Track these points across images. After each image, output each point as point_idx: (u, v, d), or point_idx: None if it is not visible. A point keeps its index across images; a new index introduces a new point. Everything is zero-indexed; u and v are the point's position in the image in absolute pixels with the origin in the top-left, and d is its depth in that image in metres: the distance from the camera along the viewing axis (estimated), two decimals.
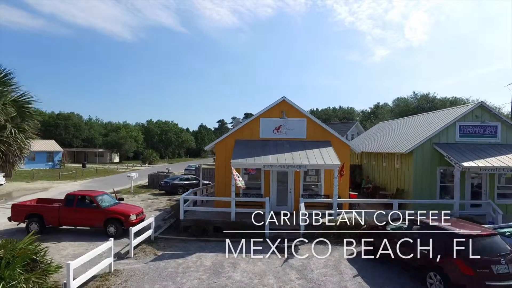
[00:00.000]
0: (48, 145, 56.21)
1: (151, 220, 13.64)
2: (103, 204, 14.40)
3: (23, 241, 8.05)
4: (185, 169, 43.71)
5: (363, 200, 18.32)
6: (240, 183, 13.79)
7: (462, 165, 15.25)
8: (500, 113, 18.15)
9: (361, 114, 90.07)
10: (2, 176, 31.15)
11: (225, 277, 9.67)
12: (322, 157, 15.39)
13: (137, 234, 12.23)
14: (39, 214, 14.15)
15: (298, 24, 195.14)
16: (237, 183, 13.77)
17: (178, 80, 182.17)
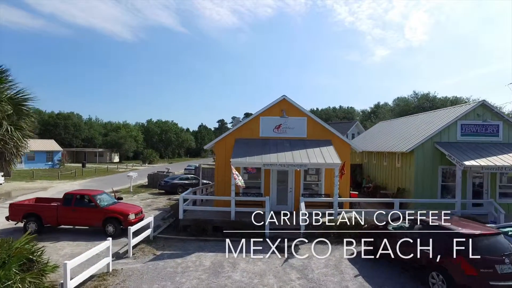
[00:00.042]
0: (48, 145, 56.16)
1: (150, 220, 13.52)
2: (102, 204, 14.29)
3: (19, 241, 7.91)
4: (185, 169, 43.65)
5: (364, 200, 18.21)
6: (240, 182, 13.68)
7: (464, 164, 15.13)
8: (502, 112, 17.98)
9: (361, 114, 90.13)
10: (1, 176, 31.03)
11: (225, 277, 9.55)
12: (323, 156, 15.27)
13: (136, 234, 12.11)
14: (37, 214, 14.03)
15: (298, 24, 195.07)
16: (237, 182, 13.66)
17: (178, 80, 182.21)
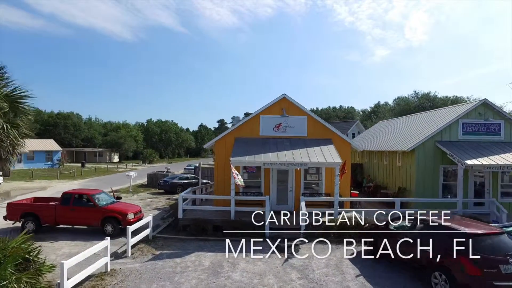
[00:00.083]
0: (47, 145, 56.03)
1: (149, 219, 13.38)
2: (100, 203, 14.17)
3: (15, 240, 7.79)
4: (185, 168, 43.61)
5: (365, 199, 18.08)
6: (240, 182, 13.56)
7: (466, 163, 14.99)
8: (503, 111, 17.85)
9: (362, 114, 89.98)
10: (0, 175, 30.90)
11: (224, 277, 9.42)
12: (323, 155, 15.15)
13: (135, 233, 12.00)
14: (35, 213, 13.90)
15: (298, 24, 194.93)
16: (237, 182, 13.54)
17: (178, 80, 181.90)
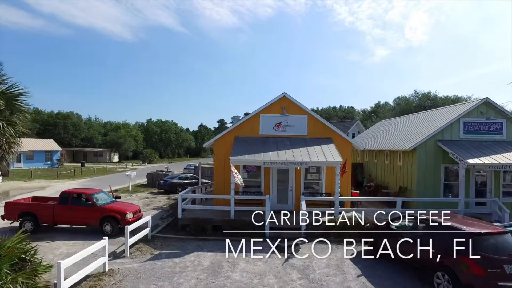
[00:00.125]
0: (47, 144, 55.90)
1: (148, 219, 13.26)
2: (99, 202, 14.04)
3: (11, 240, 7.67)
4: (185, 168, 43.54)
5: (366, 198, 17.94)
6: (239, 181, 13.43)
7: (467, 162, 14.87)
8: (505, 110, 17.72)
9: (362, 114, 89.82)
10: None
11: (224, 277, 9.30)
12: (324, 154, 15.02)
13: (133, 233, 11.87)
14: (33, 213, 13.77)
15: (298, 24, 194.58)
16: (236, 181, 13.41)
17: (178, 80, 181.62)
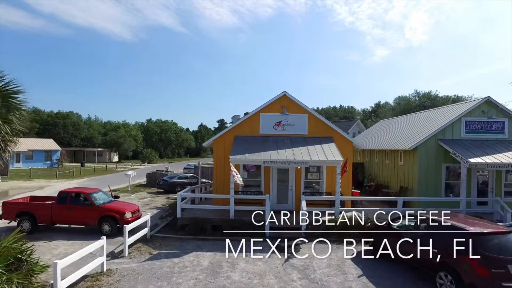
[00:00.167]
0: (46, 144, 55.78)
1: (147, 218, 13.14)
2: (98, 202, 13.91)
3: (7, 239, 7.56)
4: (184, 168, 43.46)
5: (366, 198, 17.81)
6: (239, 180, 13.32)
7: (469, 162, 14.74)
8: (507, 109, 17.58)
9: (362, 113, 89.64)
10: None
11: (223, 277, 9.18)
12: (324, 153, 14.90)
13: (132, 233, 11.75)
14: (31, 212, 13.63)
15: (298, 24, 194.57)
16: (236, 180, 13.30)
17: (178, 80, 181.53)
